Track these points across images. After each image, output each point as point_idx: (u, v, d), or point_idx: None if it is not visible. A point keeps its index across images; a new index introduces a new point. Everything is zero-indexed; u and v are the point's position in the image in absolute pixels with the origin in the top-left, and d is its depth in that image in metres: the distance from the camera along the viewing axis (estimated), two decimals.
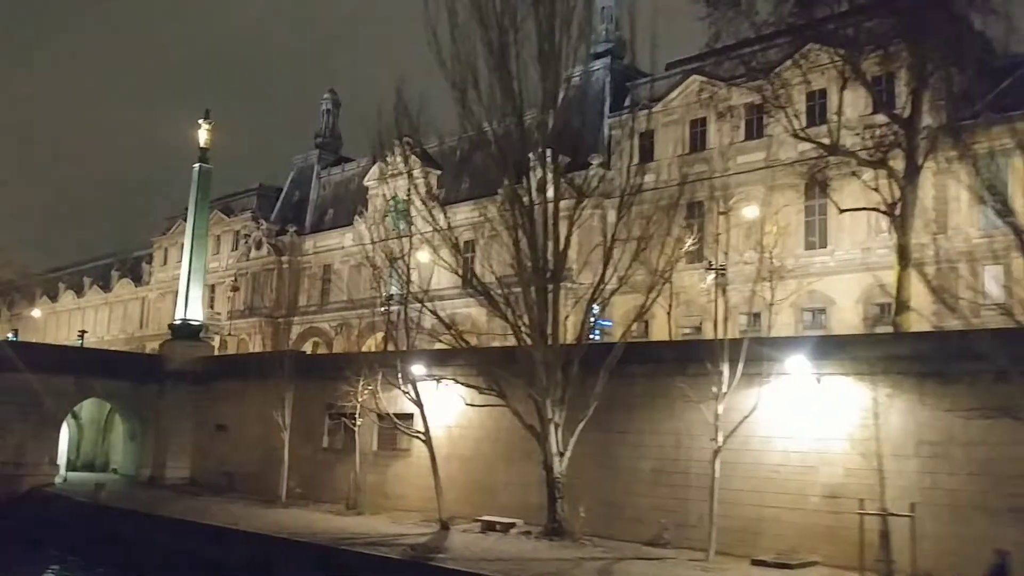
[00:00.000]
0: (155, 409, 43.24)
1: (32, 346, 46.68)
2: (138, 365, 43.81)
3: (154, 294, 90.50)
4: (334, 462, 37.13)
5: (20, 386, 39.98)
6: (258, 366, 40.51)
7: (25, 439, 40.07)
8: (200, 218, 45.33)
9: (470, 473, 31.84)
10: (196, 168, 45.33)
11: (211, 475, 41.74)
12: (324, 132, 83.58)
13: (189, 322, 44.06)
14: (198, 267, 44.58)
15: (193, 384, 43.07)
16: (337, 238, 75.60)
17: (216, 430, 42.07)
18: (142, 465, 43.02)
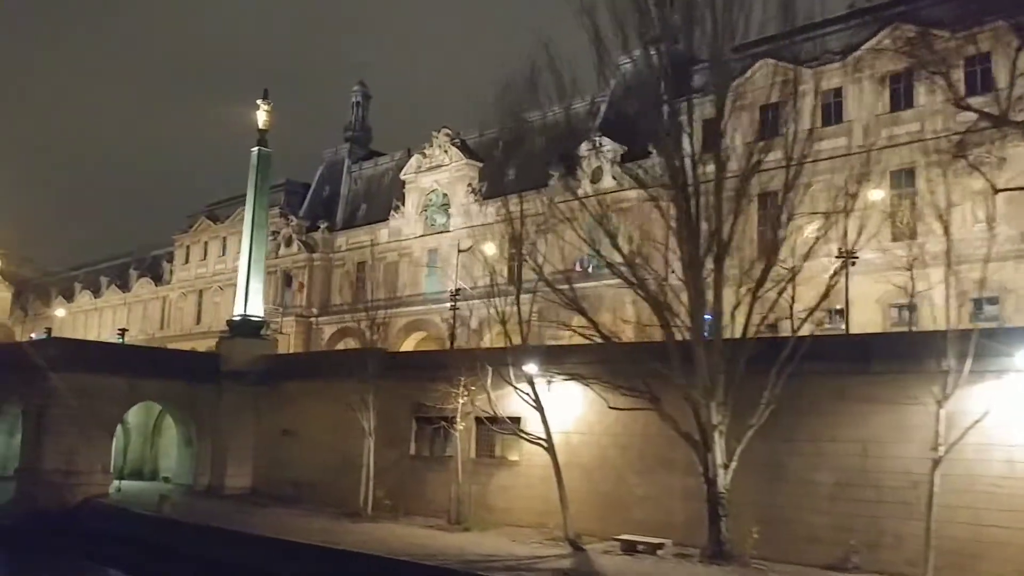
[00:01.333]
0: (213, 412, 39.07)
1: (84, 344, 42.30)
2: (194, 365, 39.56)
3: (175, 294, 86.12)
4: (423, 470, 33.10)
5: (71, 388, 35.84)
6: (331, 365, 36.57)
7: (77, 445, 35.86)
8: (260, 206, 41.17)
9: (594, 485, 27.83)
10: (255, 152, 41.12)
11: (276, 484, 37.58)
12: (354, 125, 79.48)
13: (249, 318, 39.84)
14: (258, 258, 40.41)
15: (254, 385, 38.90)
16: (371, 234, 71.48)
17: (281, 435, 37.90)
18: (199, 473, 38.82)
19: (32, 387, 36.39)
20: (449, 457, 32.22)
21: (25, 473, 36.09)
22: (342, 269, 73.47)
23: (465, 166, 65.23)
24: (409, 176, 68.82)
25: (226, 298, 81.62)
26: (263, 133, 41.08)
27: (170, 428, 41.37)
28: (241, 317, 39.90)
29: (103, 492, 36.31)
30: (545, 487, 29.06)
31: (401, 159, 73.19)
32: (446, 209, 65.80)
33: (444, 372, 31.11)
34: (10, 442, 39.48)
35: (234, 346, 39.48)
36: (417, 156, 68.55)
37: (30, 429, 36.22)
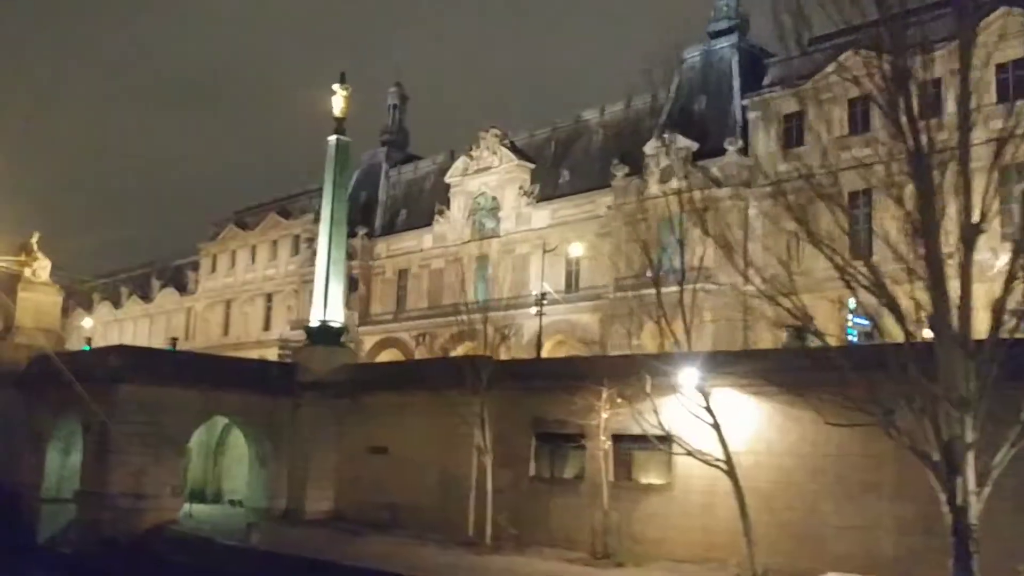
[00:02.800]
0: (290, 428, 34.45)
1: (151, 353, 37.52)
2: (269, 376, 34.95)
3: (202, 304, 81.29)
4: (547, 494, 28.64)
5: (138, 401, 31.33)
6: (430, 374, 32.13)
7: (145, 466, 31.27)
8: (338, 200, 36.69)
9: (775, 514, 23.42)
10: (332, 141, 36.66)
11: (364, 508, 33.03)
12: (391, 128, 75.04)
13: (329, 324, 35.32)
14: (338, 258, 35.93)
15: (336, 397, 34.41)
16: (414, 240, 67.26)
17: (369, 453, 33.40)
18: (275, 496, 34.22)
19: (92, 400, 31.76)
20: (579, 480, 27.83)
21: (87, 496, 31.48)
22: (382, 277, 69.09)
23: (516, 167, 61.01)
24: (455, 179, 64.54)
25: (256, 308, 77.15)
26: (340, 121, 36.67)
27: (235, 446, 36.75)
28: (320, 323, 35.36)
29: (173, 518, 31.69)
30: (707, 516, 24.76)
31: (444, 162, 68.95)
32: (495, 213, 61.48)
33: (576, 382, 26.75)
34: (65, 461, 34.82)
35: (313, 355, 34.91)
36: (463, 158, 64.22)
37: (92, 447, 31.61)
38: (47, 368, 35.19)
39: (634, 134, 57.68)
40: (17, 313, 36.84)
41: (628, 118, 58.99)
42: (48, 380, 34.76)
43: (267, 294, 76.21)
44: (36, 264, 37.47)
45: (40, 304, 37.43)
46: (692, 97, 54.57)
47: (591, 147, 60.07)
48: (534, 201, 59.25)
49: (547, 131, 62.93)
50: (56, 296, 38.28)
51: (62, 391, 34.04)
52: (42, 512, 34.14)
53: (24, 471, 35.41)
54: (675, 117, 53.43)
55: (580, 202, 56.80)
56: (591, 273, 55.94)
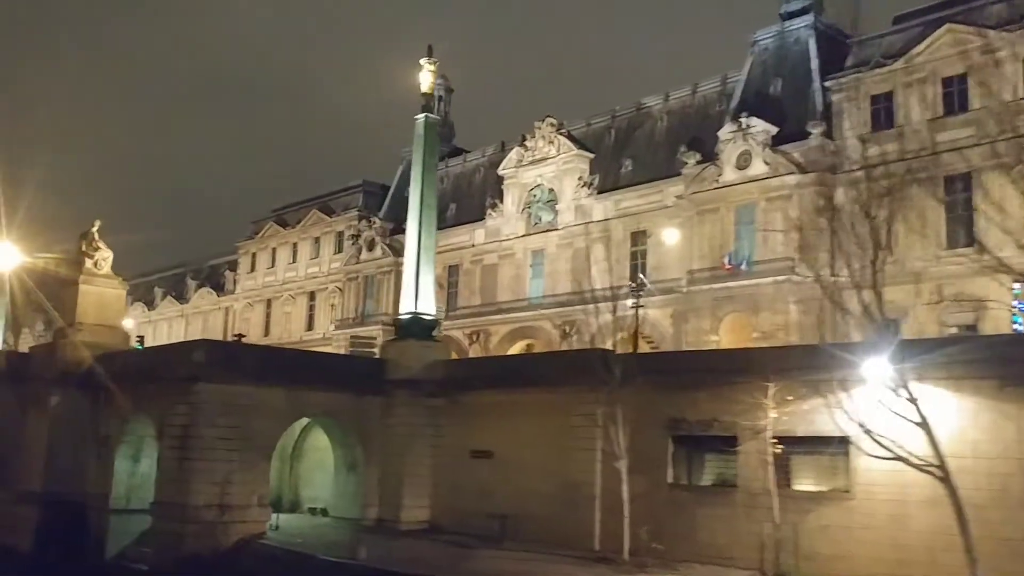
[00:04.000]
0: (380, 430, 30.92)
1: (235, 347, 33.71)
2: (356, 372, 31.31)
3: (240, 304, 77.88)
4: (691, 504, 25.03)
5: (223, 402, 27.76)
6: (541, 370, 28.59)
7: (230, 474, 27.73)
8: (428, 183, 33.14)
9: (990, 527, 19.74)
10: (420, 120, 33.10)
11: (465, 517, 29.42)
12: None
13: (420, 316, 31.70)
14: (428, 245, 32.39)
15: (431, 397, 30.84)
16: (464, 235, 63.69)
17: (471, 457, 29.81)
18: (367, 504, 30.65)
19: (171, 401, 28.27)
20: (730, 487, 24.23)
21: (165, 508, 27.92)
22: None
23: (575, 157, 57.48)
24: (508, 171, 61.01)
25: (298, 308, 73.69)
26: (428, 97, 33.11)
27: (315, 450, 33.19)
28: (411, 315, 31.74)
29: (261, 530, 28.10)
30: (896, 528, 21.20)
31: (494, 154, 65.47)
32: (552, 205, 57.94)
33: (731, 376, 23.21)
34: (135, 469, 31.32)
35: (405, 350, 31.28)
36: (517, 149, 60.69)
37: (170, 454, 28.06)
38: (114, 367, 31.73)
39: (702, 120, 54.22)
40: (78, 308, 33.23)
41: (695, 104, 55.54)
42: (115, 380, 31.28)
43: (310, 292, 72.85)
44: (98, 255, 33.90)
45: (103, 298, 33.87)
46: (766, 80, 51.05)
47: (655, 135, 56.57)
48: (595, 192, 55.84)
49: (605, 119, 59.43)
50: (120, 289, 34.74)
51: (132, 392, 30.62)
52: (111, 525, 30.61)
53: (90, 480, 31.91)
54: (748, 101, 49.92)
55: (646, 192, 53.32)
56: (659, 266, 52.50)
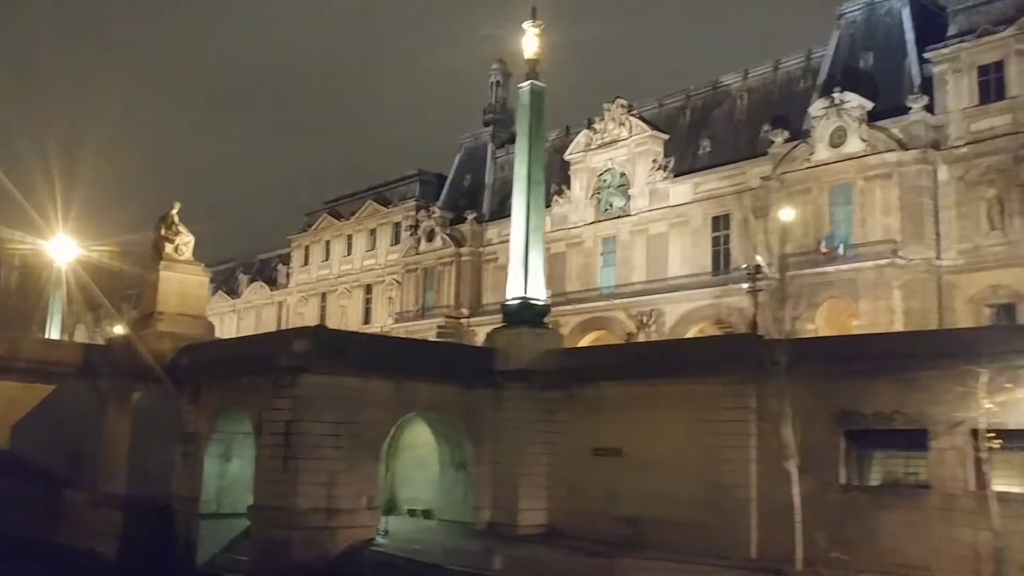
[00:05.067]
0: (491, 426, 27.91)
1: (341, 336, 30.37)
2: (466, 362, 28.28)
3: (294, 297, 75.25)
4: (871, 508, 21.78)
5: (330, 395, 24.90)
6: (680, 359, 25.44)
7: (336, 474, 24.79)
8: (535, 157, 30.07)
9: None
10: (526, 88, 29.98)
11: (589, 520, 26.39)
12: (494, 107, 68.40)
13: (531, 301, 28.65)
14: (537, 224, 29.33)
15: (546, 389, 27.79)
16: None
17: (594, 455, 26.71)
18: (478, 506, 27.63)
19: (270, 395, 25.40)
20: (921, 489, 20.99)
21: (266, 512, 25.09)
22: (494, 264, 62.44)
23: (648, 139, 54.19)
24: (576, 155, 57.91)
25: (354, 301, 70.94)
26: (533, 63, 29.93)
27: (413, 447, 30.21)
28: (521, 300, 28.69)
29: (370, 536, 25.20)
30: None
31: (558, 138, 62.23)
32: (624, 190, 54.70)
33: (919, 362, 19.99)
34: (225, 469, 28.50)
35: (516, 338, 28.22)
36: (586, 132, 57.58)
37: (270, 452, 25.20)
38: (201, 359, 28.91)
39: (786, 97, 50.88)
40: (159, 296, 30.43)
41: (776, 80, 52.19)
42: (203, 373, 28.48)
43: (366, 285, 70.10)
44: (179, 239, 31.06)
45: (185, 285, 31.05)
46: (855, 54, 47.66)
47: (734, 114, 53.26)
48: (671, 175, 52.59)
49: (679, 100, 56.13)
50: (203, 276, 31.92)
51: (223, 385, 27.80)
52: (200, 529, 27.79)
53: (175, 481, 29.13)
54: (837, 77, 46.57)
55: (727, 173, 50.05)
56: (744, 252, 49.22)
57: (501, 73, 69.00)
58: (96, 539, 29.39)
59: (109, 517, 29.13)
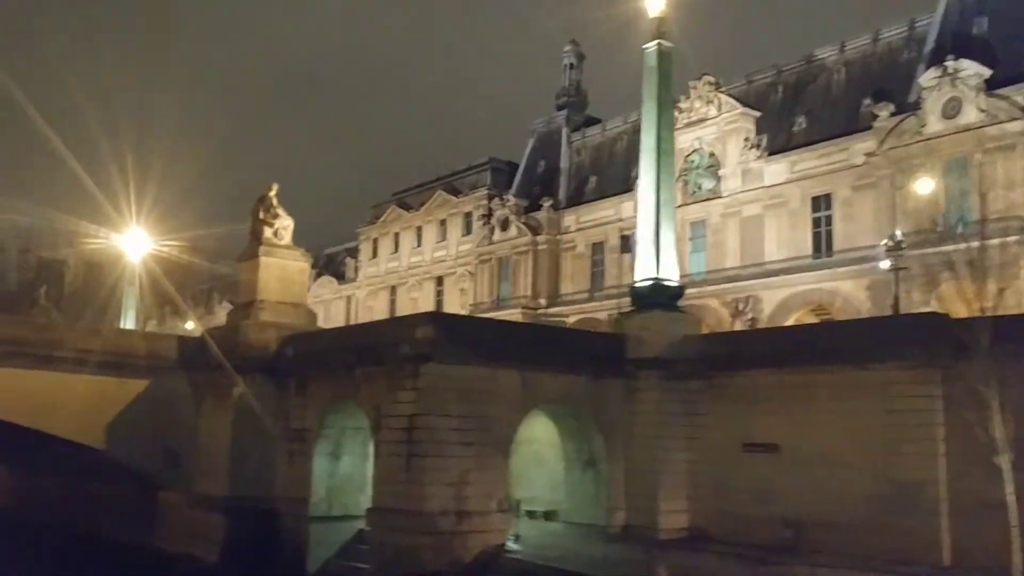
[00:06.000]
0: (622, 419, 25.17)
1: (465, 322, 27.88)
2: (596, 350, 25.53)
3: (363, 291, 73.29)
4: None
5: (457, 387, 22.37)
6: (844, 342, 22.44)
7: (465, 473, 22.27)
8: (665, 124, 27.24)
9: None
10: (652, 50, 26.97)
11: (740, 523, 23.56)
12: (568, 90, 65.66)
13: (663, 283, 25.86)
14: (668, 198, 26.53)
15: (684, 378, 24.94)
16: (609, 209, 57.90)
17: (744, 451, 23.82)
18: (612, 507, 24.96)
19: (390, 387, 22.95)
20: None
21: (389, 515, 22.63)
22: (572, 252, 59.82)
23: (739, 117, 51.16)
24: None
25: (425, 293, 68.65)
26: (660, 22, 26.96)
27: (530, 442, 27.46)
28: (652, 281, 25.88)
29: (501, 541, 22.60)
30: None
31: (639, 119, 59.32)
32: (714, 171, 51.66)
33: None
34: (335, 468, 26.13)
35: (648, 323, 25.41)
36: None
37: (392, 449, 22.75)
38: (307, 350, 26.54)
39: (888, 69, 47.54)
40: (259, 284, 28.12)
41: (877, 52, 48.92)
42: (310, 365, 26.13)
43: (437, 277, 67.90)
44: (278, 223, 28.71)
45: (286, 272, 28.72)
46: (966, 20, 44.19)
47: (831, 88, 50.06)
48: (764, 154, 49.56)
49: (770, 75, 53.03)
50: (303, 262, 29.58)
51: (332, 377, 25.40)
52: (310, 533, 25.43)
53: (280, 481, 26.83)
54: (948, 44, 43.15)
55: (827, 150, 46.97)
56: (848, 233, 46.03)
57: (574, 55, 66.33)
58: (195, 543, 27.24)
59: (209, 520, 26.95)
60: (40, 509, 37.57)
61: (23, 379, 26.19)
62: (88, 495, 33.49)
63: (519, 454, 28.28)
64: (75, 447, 27.85)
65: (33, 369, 26.28)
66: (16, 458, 37.71)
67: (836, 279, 45.22)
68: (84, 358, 26.46)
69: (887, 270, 32.82)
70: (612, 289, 55.61)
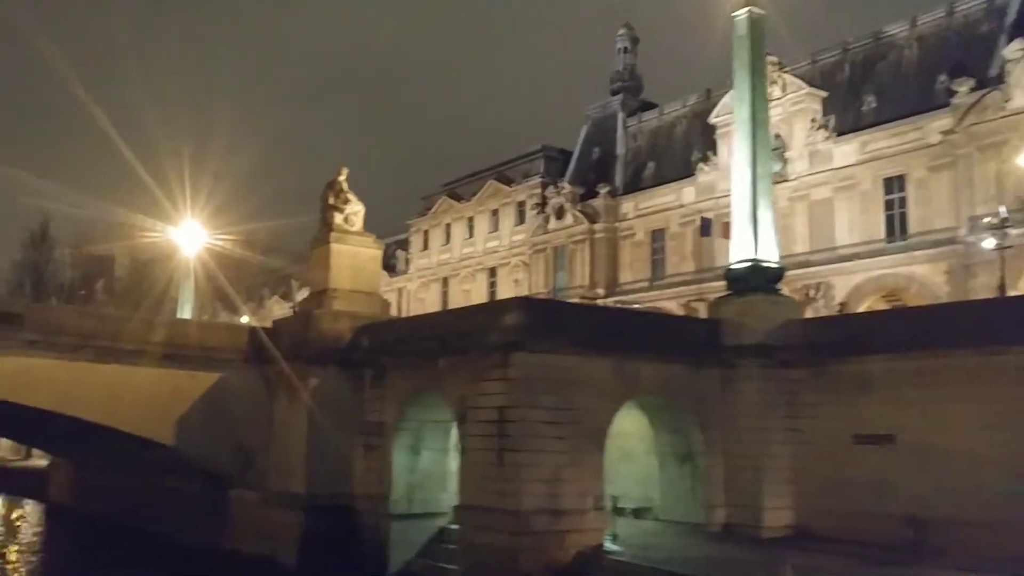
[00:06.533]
0: (720, 410, 23.55)
1: (557, 307, 26.58)
2: (694, 337, 23.90)
3: (414, 283, 72.17)
4: None
5: (549, 377, 20.94)
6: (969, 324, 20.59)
7: (560, 469, 20.82)
8: (759, 94, 25.43)
9: None
10: (742, 17, 25.08)
11: (850, 520, 21.84)
12: (622, 75, 63.85)
13: (762, 264, 24.19)
14: (765, 173, 24.83)
15: (787, 366, 23.23)
16: (669, 195, 56.05)
17: (855, 443, 22.09)
18: (711, 505, 23.31)
19: (476, 377, 21.56)
20: None
21: (480, 514, 21.24)
22: (631, 240, 58.08)
23: (806, 97, 49.10)
24: (722, 118, 52.99)
25: (478, 285, 67.27)
26: None
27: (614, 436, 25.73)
28: (750, 263, 24.21)
29: (598, 541, 21.10)
30: None
31: (697, 103, 57.68)
32: (779, 153, 49.47)
33: None
34: (415, 463, 24.81)
35: (748, 307, 23.73)
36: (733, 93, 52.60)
37: (480, 444, 21.37)
38: (383, 340, 25.25)
39: (965, 43, 45.16)
40: (331, 272, 26.89)
41: (952, 26, 46.61)
42: (387, 355, 24.84)
43: (490, 268, 66.48)
44: (348, 208, 27.43)
45: (358, 259, 27.45)
46: None
47: (902, 65, 47.87)
48: (833, 135, 47.59)
49: (835, 54, 50.96)
50: (375, 249, 28.25)
51: (412, 368, 24.08)
52: (391, 532, 24.16)
53: (357, 477, 25.60)
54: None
55: (901, 129, 44.88)
56: (923, 215, 43.89)
57: (628, 38, 64.58)
58: (269, 543, 26.12)
59: (284, 519, 25.80)
60: (104, 507, 36.93)
61: (92, 373, 25.27)
62: (154, 493, 32.65)
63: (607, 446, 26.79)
64: (142, 443, 26.90)
65: (102, 362, 25.30)
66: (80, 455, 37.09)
67: (912, 263, 43.27)
68: (154, 350, 25.47)
69: (991, 250, 30.68)
70: (676, 277, 54.00)
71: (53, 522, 41.70)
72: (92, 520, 37.36)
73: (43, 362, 24.72)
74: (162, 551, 29.64)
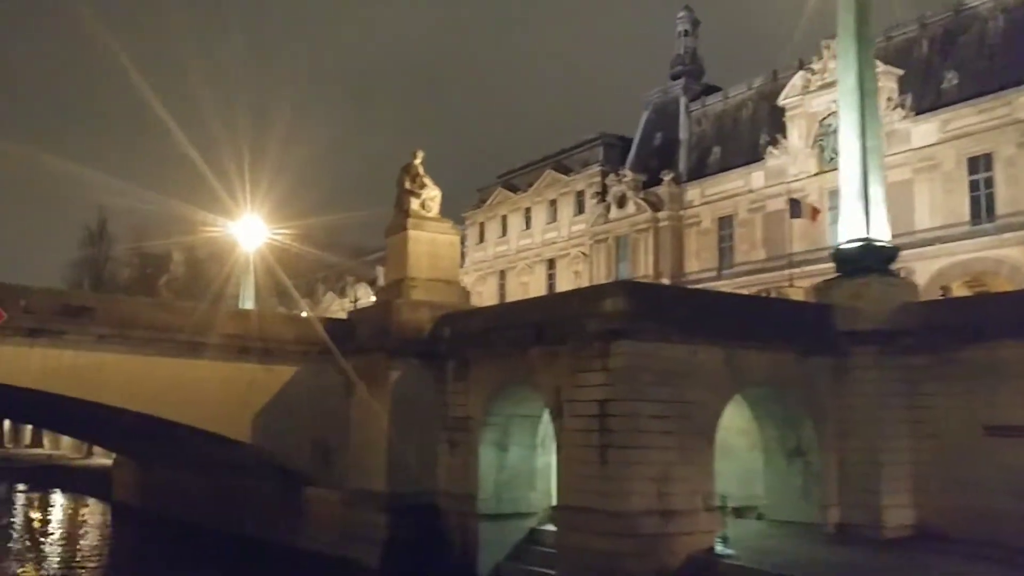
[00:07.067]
0: (832, 401, 21.80)
1: (663, 291, 25.19)
2: (805, 323, 22.13)
3: (471, 277, 70.84)
4: None
5: (655, 368, 19.45)
6: None
7: (668, 467, 19.27)
8: (866, 63, 23.54)
9: None
10: None
11: (984, 519, 19.99)
12: (683, 58, 61.92)
13: (875, 243, 22.42)
14: (875, 146, 23.01)
15: (906, 353, 21.40)
16: (737, 180, 54.20)
17: (986, 436, 20.21)
18: (825, 503, 21.57)
19: (574, 368, 20.09)
20: None
21: (581, 515, 19.77)
22: (697, 228, 56.25)
23: (880, 75, 45.83)
24: (792, 100, 51.20)
25: (536, 277, 65.78)
26: None
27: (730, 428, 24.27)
28: (862, 243, 22.41)
29: (709, 544, 19.52)
30: None
31: (765, 84, 55.61)
32: None
33: None
34: (503, 460, 23.40)
35: (862, 290, 21.93)
36: (801, 74, 50.81)
37: (579, 439, 19.90)
38: (466, 329, 23.91)
39: None
40: (409, 260, 25.61)
41: None
42: (471, 346, 23.49)
43: (548, 260, 65.02)
44: (425, 193, 26.09)
45: (435, 246, 26.11)
46: None
47: (985, 39, 45.49)
48: (911, 114, 45.36)
49: (911, 29, 48.65)
50: (453, 235, 26.91)
51: (499, 359, 22.69)
52: (480, 533, 22.82)
53: (441, 475, 24.31)
54: None
55: (987, 106, 42.66)
56: (1013, 196, 41.58)
57: (689, 21, 62.63)
58: (350, 544, 24.94)
59: (365, 518, 24.60)
60: (172, 506, 36.19)
61: (165, 368, 24.27)
62: (225, 492, 31.73)
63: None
64: (217, 441, 25.90)
65: (175, 357, 24.29)
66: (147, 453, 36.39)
67: (1002, 246, 41.11)
68: (230, 344, 24.39)
69: None
70: (745, 265, 52.16)
71: (120, 520, 41.21)
72: (160, 519, 36.66)
73: (115, 357, 23.80)
74: (237, 551, 28.73)
